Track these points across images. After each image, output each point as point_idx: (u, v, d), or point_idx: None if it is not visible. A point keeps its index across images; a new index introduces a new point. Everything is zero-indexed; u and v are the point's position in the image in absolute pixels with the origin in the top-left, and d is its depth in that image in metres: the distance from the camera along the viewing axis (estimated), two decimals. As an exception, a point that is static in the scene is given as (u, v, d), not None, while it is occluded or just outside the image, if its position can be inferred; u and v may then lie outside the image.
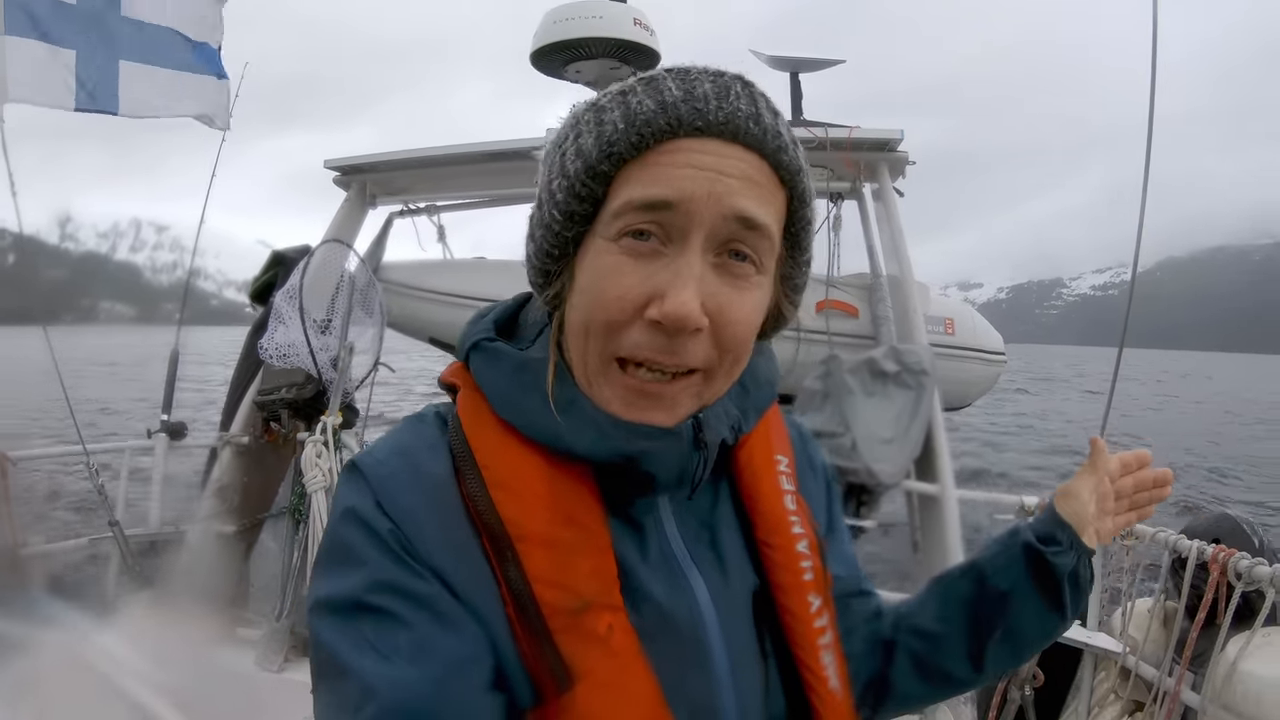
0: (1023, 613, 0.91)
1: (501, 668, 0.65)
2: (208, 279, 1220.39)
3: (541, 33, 3.76)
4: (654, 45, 3.79)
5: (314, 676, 0.66)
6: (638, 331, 0.66)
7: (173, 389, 4.36)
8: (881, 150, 3.65)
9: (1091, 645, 2.83)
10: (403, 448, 0.73)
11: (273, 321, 3.62)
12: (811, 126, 3.61)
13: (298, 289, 3.47)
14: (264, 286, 4.13)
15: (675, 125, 0.64)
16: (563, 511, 0.69)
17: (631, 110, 0.65)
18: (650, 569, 0.73)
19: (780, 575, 0.80)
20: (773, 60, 4.09)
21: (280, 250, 4.22)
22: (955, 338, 3.88)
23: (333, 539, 0.68)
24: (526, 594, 0.65)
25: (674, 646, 0.70)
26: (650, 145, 0.64)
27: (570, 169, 0.67)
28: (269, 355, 3.55)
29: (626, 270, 0.65)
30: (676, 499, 0.78)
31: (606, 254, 0.66)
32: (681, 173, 0.64)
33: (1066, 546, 0.91)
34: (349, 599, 0.64)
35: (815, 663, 0.79)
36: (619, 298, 0.65)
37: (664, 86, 0.66)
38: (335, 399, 3.31)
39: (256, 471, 3.90)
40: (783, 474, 0.85)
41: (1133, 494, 0.98)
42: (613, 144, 0.65)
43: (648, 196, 0.64)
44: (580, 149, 0.67)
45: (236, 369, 4.18)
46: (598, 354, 0.68)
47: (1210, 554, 2.38)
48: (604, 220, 0.67)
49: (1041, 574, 0.90)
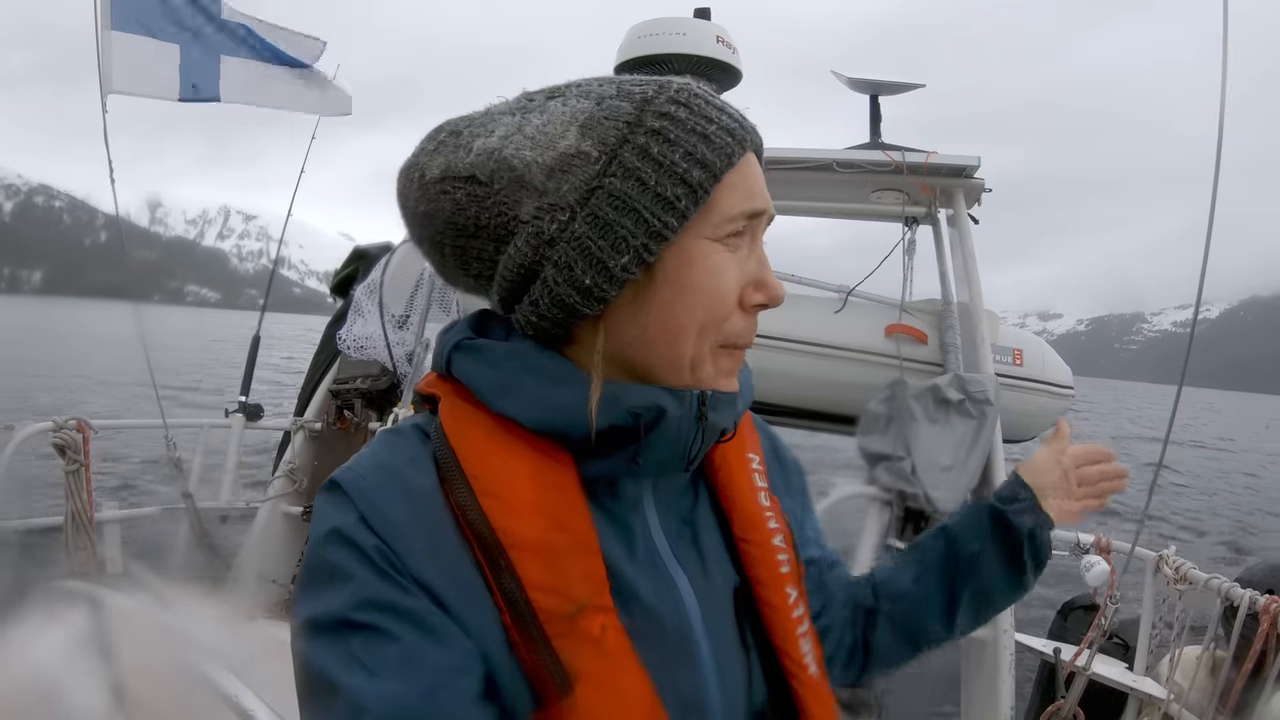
0: (990, 573, 1.00)
1: (495, 677, 0.66)
2: (291, 268, 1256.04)
3: (626, 47, 3.81)
4: (736, 63, 3.81)
5: (301, 698, 0.66)
6: (739, 319, 0.74)
7: (252, 372, 4.54)
8: (958, 176, 3.62)
9: (1136, 690, 2.78)
10: (384, 461, 0.72)
11: (352, 314, 3.75)
12: (889, 150, 3.60)
13: (378, 284, 3.59)
14: (344, 280, 4.27)
15: (748, 140, 0.73)
16: (552, 516, 0.70)
17: (722, 124, 0.71)
18: (637, 568, 0.75)
19: (759, 570, 0.84)
20: (853, 82, 4.09)
21: (362, 246, 4.36)
22: (1023, 369, 3.82)
23: (317, 558, 0.67)
24: (523, 602, 0.66)
25: (662, 644, 0.72)
26: (740, 155, 0.72)
27: (691, 176, 0.68)
28: (346, 346, 3.68)
29: (731, 266, 0.73)
30: (660, 495, 0.80)
31: (715, 254, 0.72)
32: (761, 183, 0.75)
33: (1027, 505, 1.01)
34: (336, 617, 0.64)
35: (795, 651, 0.83)
36: (733, 290, 0.73)
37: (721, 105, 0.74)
38: (408, 392, 3.41)
39: (326, 457, 4.00)
40: (755, 471, 0.90)
41: (1096, 482, 1.06)
42: (729, 155, 0.71)
43: (754, 207, 0.73)
44: (691, 155, 0.68)
45: (314, 357, 4.31)
46: (710, 343, 0.73)
47: (1262, 604, 2.35)
48: (710, 223, 0.71)
49: (1005, 532, 1.00)
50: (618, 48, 3.86)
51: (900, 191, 3.71)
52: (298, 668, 0.65)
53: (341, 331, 3.75)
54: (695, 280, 0.71)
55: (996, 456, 3.27)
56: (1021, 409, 3.78)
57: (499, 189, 0.70)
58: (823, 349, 3.74)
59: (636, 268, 0.69)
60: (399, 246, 3.90)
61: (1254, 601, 2.38)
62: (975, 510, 1.04)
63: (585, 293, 0.69)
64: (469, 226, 0.73)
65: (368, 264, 4.06)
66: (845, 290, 3.86)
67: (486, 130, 0.72)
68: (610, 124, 0.69)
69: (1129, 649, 3.10)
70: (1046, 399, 3.89)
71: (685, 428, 0.75)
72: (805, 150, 3.62)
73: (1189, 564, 2.75)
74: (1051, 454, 1.06)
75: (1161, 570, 2.91)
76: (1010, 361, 3.78)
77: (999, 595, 1.02)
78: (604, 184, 0.68)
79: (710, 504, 0.86)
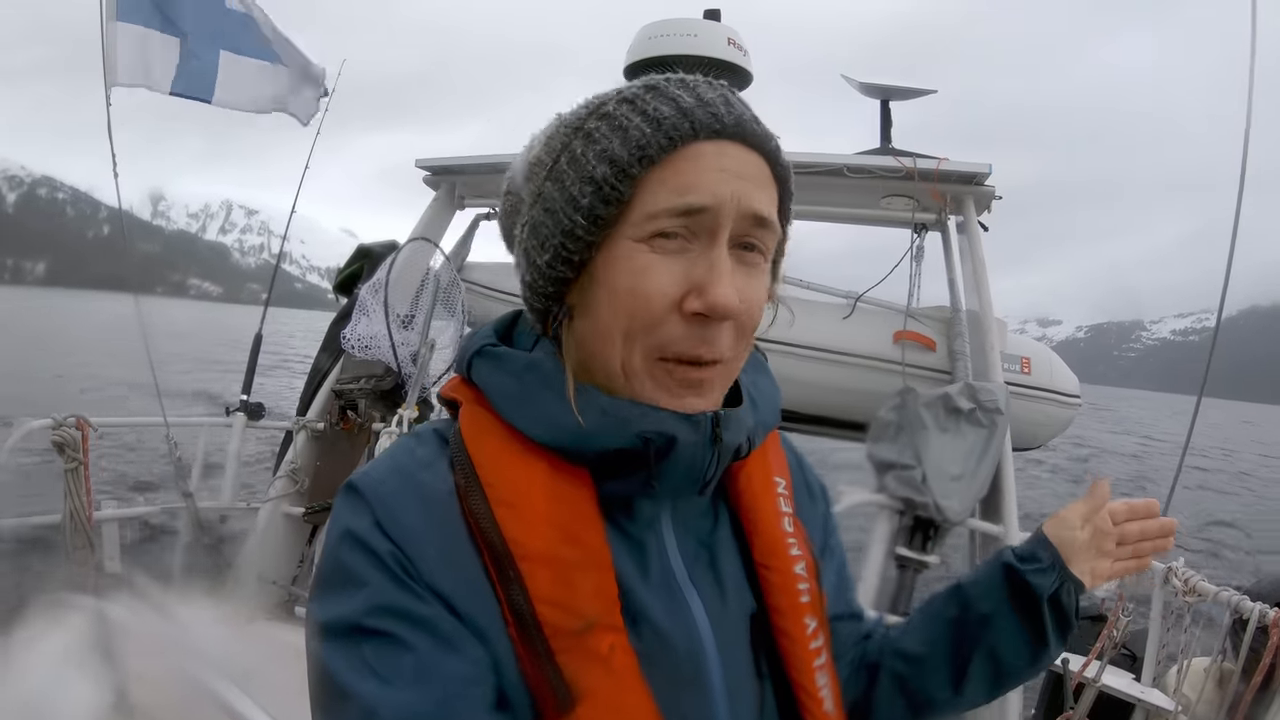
0: (1003, 637, 0.90)
1: (503, 688, 0.66)
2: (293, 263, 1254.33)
3: (635, 48, 3.80)
4: (747, 65, 3.80)
5: (313, 701, 0.65)
6: (675, 325, 0.68)
7: (253, 371, 4.51)
8: (968, 183, 3.60)
9: (1144, 701, 2.76)
10: (401, 466, 0.72)
11: (356, 313, 3.73)
12: (900, 156, 3.59)
13: (383, 283, 3.57)
14: (349, 278, 4.25)
15: (697, 129, 0.67)
16: (565, 529, 0.69)
17: (652, 115, 0.67)
18: (650, 589, 0.73)
19: (777, 598, 0.80)
20: (864, 87, 4.07)
21: (367, 244, 4.34)
22: (1031, 377, 3.81)
23: (332, 561, 0.67)
24: (529, 614, 0.65)
25: (671, 668, 0.70)
26: (676, 148, 0.67)
27: (597, 173, 0.67)
28: (351, 346, 3.66)
29: (660, 268, 0.67)
30: (678, 516, 0.78)
31: (638, 254, 0.68)
32: (712, 177, 0.67)
33: (1047, 565, 0.89)
34: (349, 623, 0.64)
35: (810, 684, 0.79)
36: (660, 294, 0.67)
37: (673, 94, 0.69)
38: (413, 393, 3.39)
39: (329, 457, 3.98)
40: (781, 495, 0.86)
41: (1137, 541, 0.95)
42: (643, 147, 0.67)
43: (687, 203, 0.67)
44: (604, 153, 0.68)
45: (318, 356, 4.29)
46: (642, 353, 0.69)
47: (1272, 617, 2.34)
48: (632, 222, 0.68)
49: (1021, 595, 0.89)
50: (628, 48, 3.84)
51: (910, 198, 3.70)
52: (311, 671, 0.65)
53: (346, 331, 3.73)
54: (618, 281, 0.68)
55: (1006, 466, 3.25)
56: (1030, 418, 3.76)
57: (514, 199, 0.77)
58: (830, 355, 3.72)
59: (562, 265, 0.70)
60: (404, 246, 3.88)
61: (1264, 615, 2.37)
62: (991, 569, 0.93)
63: (530, 289, 0.74)
64: (509, 231, 0.79)
65: (372, 263, 4.03)
66: (854, 296, 3.85)
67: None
68: (561, 131, 0.72)
69: (1136, 660, 3.08)
70: (1054, 407, 3.88)
71: (700, 453, 0.72)
72: (815, 154, 3.60)
73: (1198, 576, 2.72)
74: (1084, 511, 0.94)
75: (1170, 582, 2.89)
76: (1018, 370, 3.76)
77: (1017, 663, 0.91)
78: (543, 188, 0.71)
79: (731, 527, 0.83)
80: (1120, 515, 0.94)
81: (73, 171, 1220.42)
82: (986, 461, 3.18)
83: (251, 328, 4.74)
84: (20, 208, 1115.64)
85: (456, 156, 4.27)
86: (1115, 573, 0.95)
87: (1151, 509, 0.96)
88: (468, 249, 4.48)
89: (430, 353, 3.53)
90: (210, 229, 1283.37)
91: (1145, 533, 0.95)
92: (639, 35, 3.83)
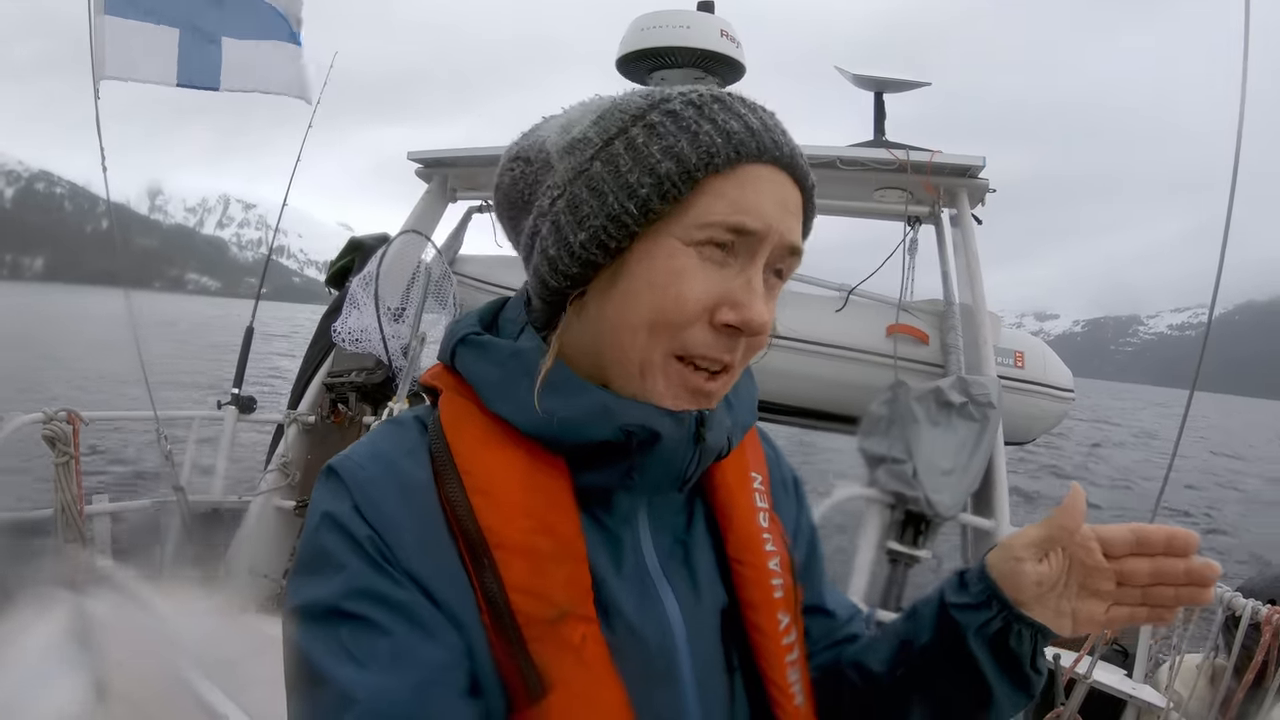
0: (944, 680, 0.79)
1: (476, 675, 0.66)
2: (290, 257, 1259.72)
3: (629, 39, 3.78)
4: (739, 57, 3.79)
5: (289, 684, 0.66)
6: (703, 332, 0.69)
7: (245, 364, 4.49)
8: (962, 176, 3.59)
9: (1135, 698, 2.77)
10: (381, 452, 0.73)
11: (347, 306, 3.72)
12: (893, 148, 3.57)
13: (374, 276, 3.56)
14: (340, 271, 4.24)
15: (761, 151, 0.69)
16: (541, 519, 0.69)
17: (721, 127, 0.68)
18: (623, 582, 0.73)
19: (750, 592, 0.81)
20: (857, 79, 4.05)
21: (358, 237, 4.32)
22: (1025, 371, 3.80)
23: (310, 544, 0.68)
24: (502, 602, 0.66)
25: (642, 661, 0.71)
26: (741, 164, 0.68)
27: (661, 168, 0.67)
28: (341, 339, 3.65)
29: (700, 275, 0.68)
30: (655, 512, 0.78)
31: (682, 256, 0.68)
32: (768, 204, 0.69)
33: (974, 600, 0.76)
34: (326, 605, 0.64)
35: (781, 679, 0.80)
36: (696, 300, 0.68)
37: (740, 111, 0.70)
38: (404, 386, 3.38)
39: (320, 451, 3.97)
40: (757, 491, 0.86)
41: (1149, 584, 0.73)
42: (712, 155, 0.67)
43: (742, 223, 0.68)
44: (670, 149, 0.68)
45: (309, 349, 4.27)
46: (661, 349, 0.70)
47: (1265, 614, 2.35)
48: (684, 224, 0.68)
49: (949, 631, 0.77)
50: (620, 39, 3.82)
51: (904, 190, 3.69)
52: (287, 653, 0.66)
53: (337, 324, 3.72)
54: (654, 277, 0.69)
55: (998, 460, 3.25)
56: (1023, 411, 3.76)
57: (535, 168, 0.74)
58: (823, 348, 3.71)
59: (596, 249, 0.69)
60: (395, 238, 3.86)
61: (1256, 612, 2.37)
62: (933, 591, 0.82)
63: (552, 265, 0.71)
64: (517, 200, 0.77)
65: (364, 255, 4.02)
66: (846, 289, 3.83)
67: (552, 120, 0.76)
68: (617, 115, 0.71)
69: (1128, 656, 3.08)
70: (1047, 401, 3.87)
71: (682, 450, 0.73)
72: (808, 146, 3.54)
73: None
74: (1036, 536, 0.75)
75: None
76: (1011, 364, 3.76)
77: (959, 706, 0.80)
78: (590, 167, 0.70)
79: (706, 522, 0.84)
80: (1119, 546, 0.73)
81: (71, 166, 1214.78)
82: (978, 456, 3.17)
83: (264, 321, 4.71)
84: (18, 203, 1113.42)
85: (449, 149, 4.25)
86: (1115, 620, 0.75)
87: (1176, 543, 0.72)
88: (460, 242, 4.47)
89: (421, 345, 3.52)
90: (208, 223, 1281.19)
91: (1162, 574, 0.72)
92: (632, 27, 3.82)
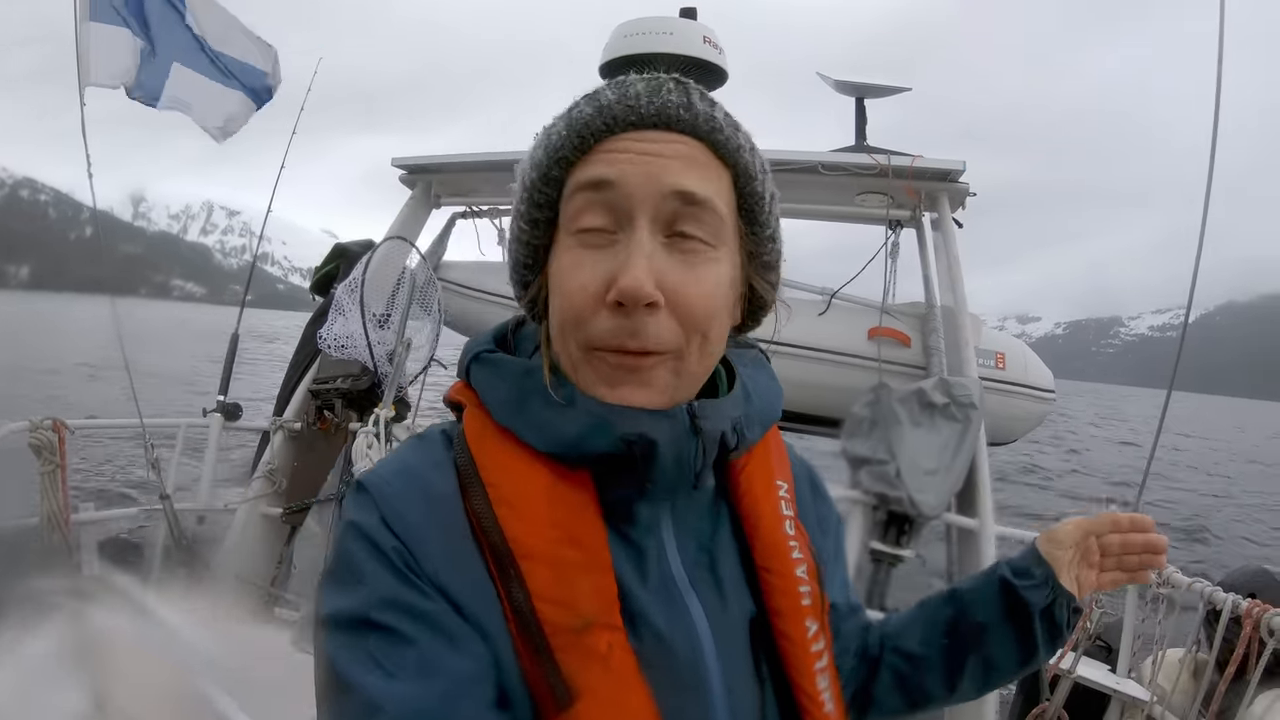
0: (998, 645, 0.95)
1: (503, 685, 0.66)
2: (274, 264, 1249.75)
3: (611, 46, 3.79)
4: (722, 64, 3.80)
5: (319, 693, 0.66)
6: (603, 319, 0.68)
7: (230, 371, 4.48)
8: (943, 180, 3.63)
9: (1120, 692, 2.79)
10: (408, 466, 0.73)
11: (333, 313, 3.72)
12: (874, 153, 3.61)
13: (359, 283, 3.56)
14: (325, 278, 4.23)
15: (611, 123, 0.69)
16: (566, 530, 0.70)
17: (573, 118, 0.71)
18: (649, 593, 0.73)
19: (778, 600, 0.80)
20: (839, 84, 4.09)
21: (343, 244, 4.31)
22: (1006, 372, 3.84)
23: (339, 555, 0.69)
24: (529, 611, 0.66)
25: (671, 671, 0.70)
26: (591, 145, 0.70)
27: (528, 180, 0.73)
28: (327, 345, 3.64)
29: (586, 262, 0.69)
30: (679, 519, 0.78)
31: (567, 251, 0.71)
32: (621, 158, 0.69)
33: (1040, 582, 0.94)
34: (354, 616, 0.65)
35: (811, 687, 0.79)
36: (581, 287, 0.69)
37: (601, 95, 0.71)
38: (389, 392, 3.38)
39: (306, 457, 3.96)
40: (783, 499, 0.85)
41: (1120, 554, 0.98)
42: (559, 149, 0.71)
43: (589, 176, 0.69)
44: (533, 160, 0.73)
45: (294, 356, 4.26)
46: (577, 346, 0.70)
47: (1245, 608, 2.38)
48: (563, 222, 0.72)
49: (1016, 608, 0.94)
50: (604, 46, 3.84)
51: (885, 195, 3.72)
52: (318, 662, 0.66)
53: (322, 330, 3.72)
54: (557, 279, 0.72)
55: (981, 460, 3.28)
56: (1005, 412, 3.80)
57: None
58: (805, 351, 3.74)
59: (522, 269, 0.78)
60: (380, 245, 3.87)
61: (1236, 606, 2.40)
62: (987, 580, 0.98)
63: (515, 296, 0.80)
64: None
65: (348, 262, 4.01)
66: (829, 293, 3.86)
67: None
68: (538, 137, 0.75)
69: (1111, 651, 3.11)
70: (1029, 402, 3.92)
71: (684, 447, 0.72)
72: (790, 152, 3.61)
73: (1172, 568, 2.75)
74: (1079, 529, 0.98)
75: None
76: (992, 365, 3.80)
77: (1007, 667, 0.97)
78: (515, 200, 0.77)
79: (732, 530, 0.83)
80: (1103, 528, 0.97)
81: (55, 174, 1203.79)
82: (961, 456, 3.21)
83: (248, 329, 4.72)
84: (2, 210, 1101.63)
85: (432, 155, 4.25)
86: (1103, 584, 0.98)
87: (1138, 524, 0.98)
88: (444, 248, 4.47)
89: (406, 352, 3.52)
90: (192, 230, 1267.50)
91: (1127, 546, 0.97)
92: (614, 34, 3.83)
